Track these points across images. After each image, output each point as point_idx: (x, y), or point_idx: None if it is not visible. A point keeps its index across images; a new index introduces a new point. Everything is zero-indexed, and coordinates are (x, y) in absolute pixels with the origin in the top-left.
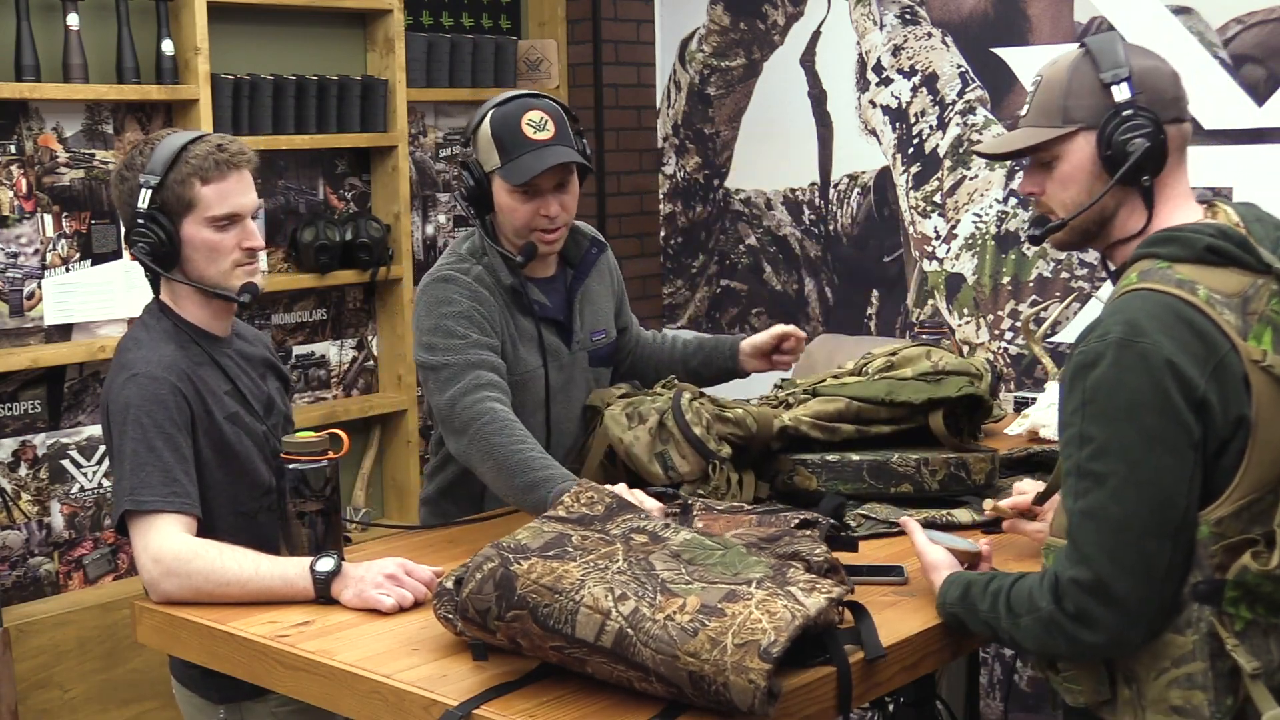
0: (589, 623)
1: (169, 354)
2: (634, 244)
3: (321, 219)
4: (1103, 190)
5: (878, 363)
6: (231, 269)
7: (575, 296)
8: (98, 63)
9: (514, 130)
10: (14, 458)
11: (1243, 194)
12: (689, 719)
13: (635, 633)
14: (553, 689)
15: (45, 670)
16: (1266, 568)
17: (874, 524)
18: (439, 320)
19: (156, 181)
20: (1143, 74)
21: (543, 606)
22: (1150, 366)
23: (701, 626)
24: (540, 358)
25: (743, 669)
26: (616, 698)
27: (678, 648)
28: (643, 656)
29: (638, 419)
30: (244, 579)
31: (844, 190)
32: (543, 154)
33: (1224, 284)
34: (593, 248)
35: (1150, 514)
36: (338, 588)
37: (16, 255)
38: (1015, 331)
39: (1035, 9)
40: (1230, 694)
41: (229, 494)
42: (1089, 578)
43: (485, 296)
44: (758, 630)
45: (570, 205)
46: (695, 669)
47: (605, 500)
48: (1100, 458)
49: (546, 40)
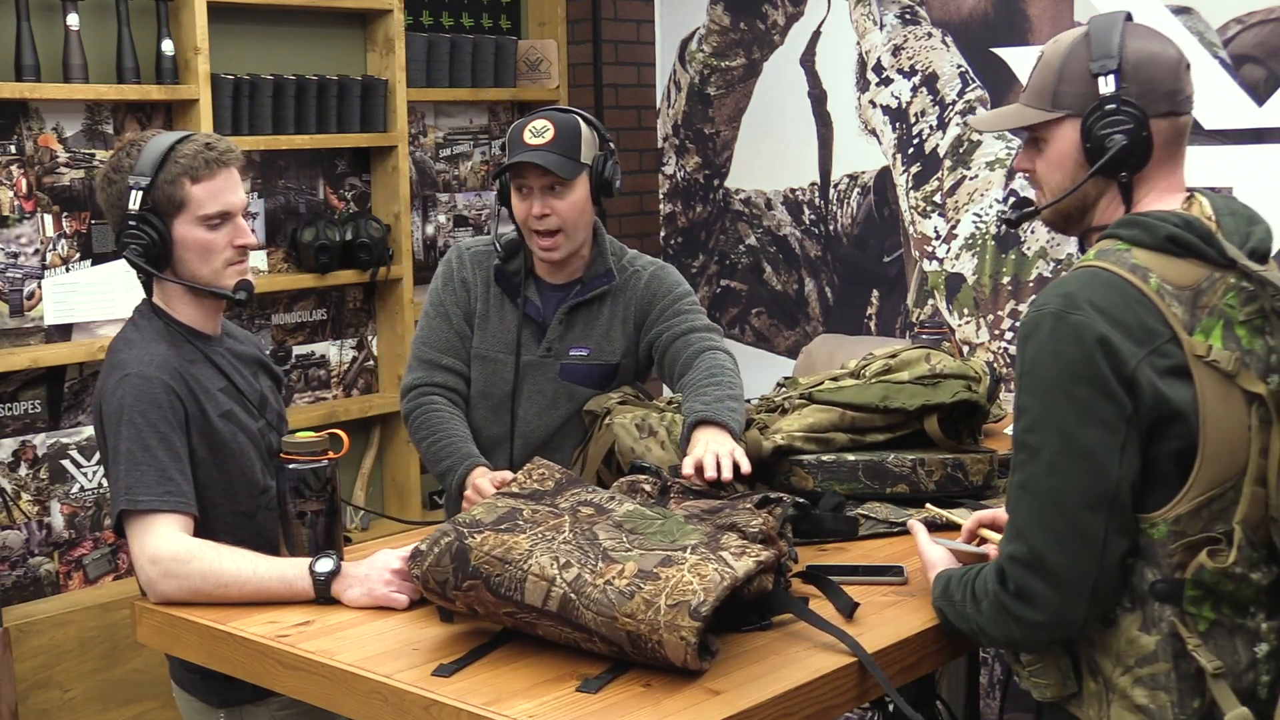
0: (536, 589)
1: (161, 353)
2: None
3: (321, 219)
4: (1080, 181)
5: (875, 365)
6: (223, 267)
7: (562, 307)
8: (98, 63)
9: (518, 135)
10: (14, 458)
11: (1243, 194)
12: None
13: (578, 597)
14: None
15: (45, 670)
16: (1223, 565)
17: (874, 524)
18: (427, 302)
19: (146, 182)
20: (1137, 65)
21: (494, 576)
22: (1082, 340)
23: (638, 590)
24: (512, 349)
25: (675, 627)
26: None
27: (616, 610)
28: (585, 619)
29: (648, 430)
30: (242, 580)
31: (844, 190)
32: (526, 154)
33: (1178, 275)
34: (602, 277)
35: (1082, 486)
36: (339, 588)
37: (16, 255)
38: (1015, 332)
39: (1035, 9)
40: (1197, 696)
41: (226, 493)
42: (1024, 552)
43: (465, 277)
44: (689, 591)
45: (562, 210)
46: (632, 629)
47: (555, 476)
48: (1034, 430)
49: (546, 40)
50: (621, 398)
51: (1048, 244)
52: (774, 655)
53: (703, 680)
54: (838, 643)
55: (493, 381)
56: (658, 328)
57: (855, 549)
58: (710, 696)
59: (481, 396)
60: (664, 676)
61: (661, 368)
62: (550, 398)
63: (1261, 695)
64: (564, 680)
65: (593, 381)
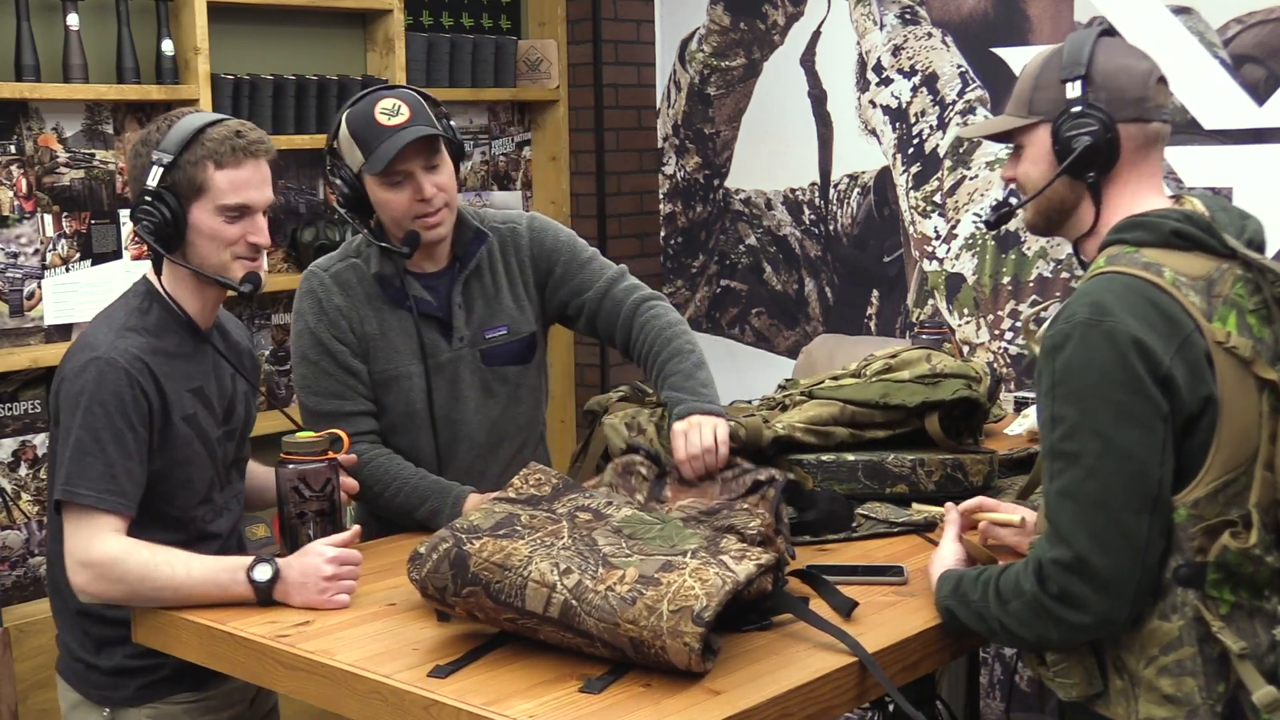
0: (537, 596)
1: (136, 343)
2: (634, 244)
3: (321, 219)
4: (1047, 182)
5: (876, 365)
6: (232, 260)
7: (453, 291)
8: (98, 63)
9: (368, 123)
10: (14, 458)
11: (1243, 194)
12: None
13: (579, 604)
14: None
15: (45, 670)
16: (1245, 546)
17: (874, 524)
18: (301, 346)
19: (169, 160)
20: (1106, 74)
21: (494, 583)
22: (1116, 344)
23: (639, 595)
24: (419, 355)
25: (678, 633)
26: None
27: (618, 616)
28: (587, 625)
29: (637, 429)
30: (176, 583)
31: (844, 190)
32: (398, 137)
33: (1189, 267)
34: (475, 240)
35: (1125, 488)
36: (279, 594)
37: (16, 255)
38: (1015, 331)
39: (1035, 9)
40: (1221, 679)
41: (164, 493)
42: (1069, 557)
43: (338, 304)
44: (690, 597)
45: (446, 185)
46: (635, 635)
47: (552, 481)
48: (1072, 437)
49: (546, 40)
50: (622, 395)
51: (1048, 244)
52: (774, 655)
53: (703, 680)
54: (837, 643)
55: (413, 397)
56: (569, 286)
57: (855, 549)
58: (710, 696)
59: (406, 419)
60: (664, 676)
61: (594, 329)
62: (481, 390)
63: None
64: (564, 680)
65: (519, 358)
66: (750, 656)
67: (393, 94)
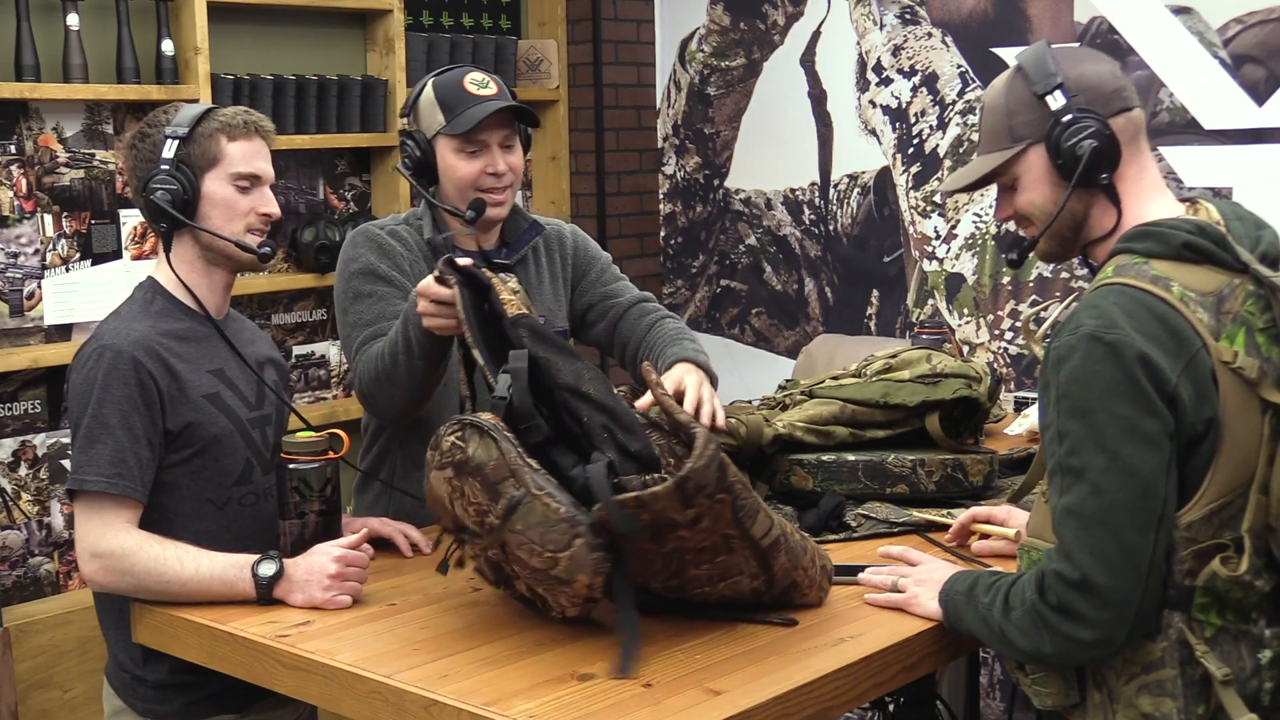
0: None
1: (142, 329)
2: (634, 244)
3: (321, 219)
4: (1065, 197)
5: (876, 365)
6: (245, 231)
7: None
8: (98, 63)
9: (456, 89)
10: (14, 458)
11: (1243, 194)
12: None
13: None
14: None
15: (45, 670)
16: (1235, 573)
17: (874, 524)
18: (346, 283)
19: (184, 133)
20: (1078, 78)
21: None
22: (1122, 358)
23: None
24: None
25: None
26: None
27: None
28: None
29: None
30: (184, 578)
31: (844, 190)
32: (486, 104)
33: (1199, 282)
34: (530, 230)
35: (1130, 506)
36: (281, 592)
37: (16, 255)
38: (1015, 331)
39: (1035, 9)
40: (1202, 702)
41: (194, 476)
42: (1072, 572)
43: (394, 248)
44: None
45: (516, 166)
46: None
47: None
48: (1077, 452)
49: (546, 40)
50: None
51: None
52: (774, 655)
53: (703, 680)
54: (838, 643)
55: (449, 365)
56: (598, 291)
57: (855, 549)
58: (710, 696)
59: (440, 387)
60: (664, 676)
61: (613, 334)
62: None
63: (1265, 702)
64: (564, 680)
65: None
66: (750, 656)
67: (482, 72)
